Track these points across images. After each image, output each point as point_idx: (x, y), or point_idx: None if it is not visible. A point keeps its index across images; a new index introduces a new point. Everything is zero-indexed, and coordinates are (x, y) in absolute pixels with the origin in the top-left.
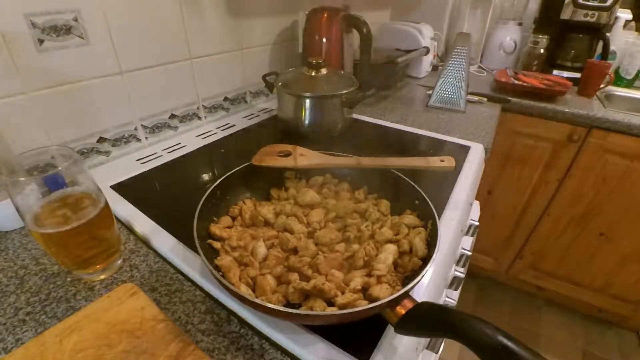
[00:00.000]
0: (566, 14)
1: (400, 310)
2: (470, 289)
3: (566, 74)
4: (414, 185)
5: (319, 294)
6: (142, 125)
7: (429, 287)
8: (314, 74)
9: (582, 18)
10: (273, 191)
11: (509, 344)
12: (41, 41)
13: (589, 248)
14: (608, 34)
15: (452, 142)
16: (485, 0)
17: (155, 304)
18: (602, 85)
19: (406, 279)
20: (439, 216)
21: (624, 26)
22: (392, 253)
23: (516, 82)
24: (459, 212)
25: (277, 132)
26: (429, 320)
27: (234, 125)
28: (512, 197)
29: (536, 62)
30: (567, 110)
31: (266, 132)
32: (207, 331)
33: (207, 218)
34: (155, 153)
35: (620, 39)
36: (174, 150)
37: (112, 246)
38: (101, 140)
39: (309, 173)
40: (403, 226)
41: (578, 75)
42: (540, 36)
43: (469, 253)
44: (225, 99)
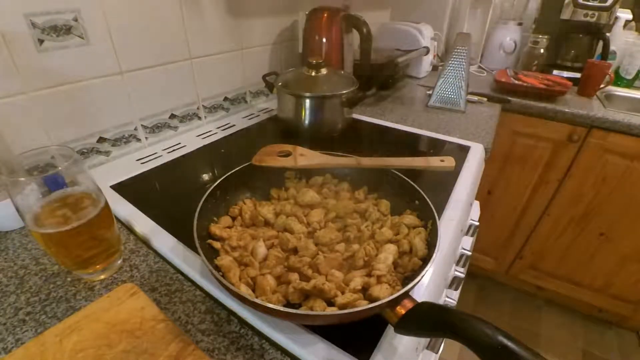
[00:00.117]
0: (566, 14)
1: (400, 310)
2: (470, 289)
3: (566, 74)
4: (414, 185)
5: (319, 294)
6: (142, 125)
7: (429, 287)
8: (314, 74)
9: (582, 18)
10: (273, 191)
11: (509, 344)
12: (41, 41)
13: (589, 248)
14: (608, 34)
15: (452, 142)
16: (485, 0)
17: (155, 304)
18: (602, 85)
19: (406, 279)
20: (439, 216)
21: (624, 26)
22: (392, 253)
23: (516, 82)
24: (459, 212)
25: (277, 132)
26: (429, 320)
27: (234, 125)
28: (512, 197)
29: (536, 62)
30: (567, 110)
31: (266, 132)
32: (207, 331)
33: (207, 218)
34: (155, 153)
35: (620, 39)
36: (174, 150)
37: (112, 246)
38: (101, 140)
39: (309, 173)
40: (403, 226)
41: (578, 75)
42: (540, 36)
43: (469, 253)
44: (225, 99)
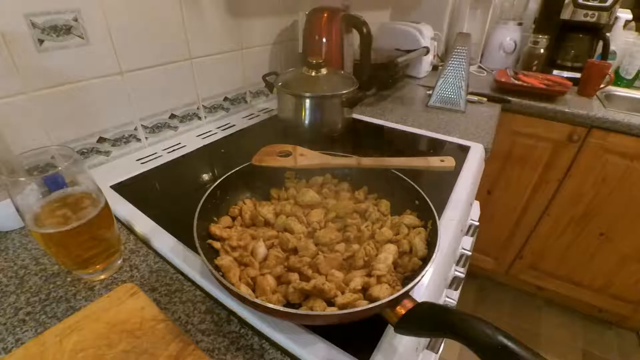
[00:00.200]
0: (566, 14)
1: (400, 310)
2: (470, 289)
3: (566, 74)
4: (414, 185)
5: (319, 294)
6: (142, 125)
7: (429, 287)
8: (314, 74)
9: (582, 18)
10: (273, 191)
11: (509, 344)
12: (41, 41)
13: (589, 248)
14: (608, 34)
15: (452, 142)
16: (485, 0)
17: (155, 304)
18: (602, 85)
19: (406, 279)
20: (439, 216)
21: (624, 26)
22: (392, 253)
23: (516, 82)
24: (459, 212)
25: (277, 132)
26: (429, 320)
27: (234, 125)
28: (512, 197)
29: (536, 62)
30: (567, 110)
31: (266, 132)
32: (207, 331)
33: (207, 218)
34: (155, 153)
35: (620, 39)
36: (174, 150)
37: (112, 246)
38: (101, 140)
39: (309, 173)
40: (403, 226)
41: (578, 75)
42: (540, 36)
43: (469, 253)
44: (225, 99)
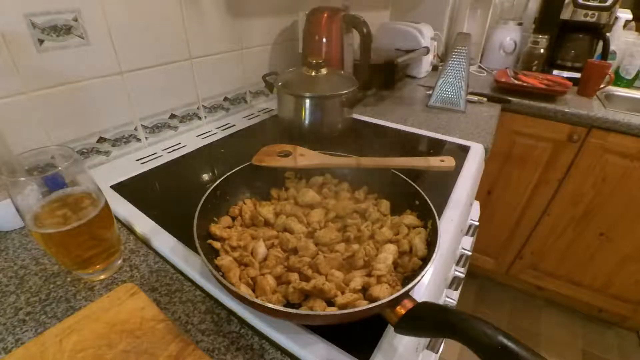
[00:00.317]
0: (566, 14)
1: (400, 310)
2: (470, 289)
3: (566, 74)
4: (414, 185)
5: (319, 294)
6: (142, 125)
7: (429, 287)
8: (314, 74)
9: (582, 18)
10: (273, 191)
11: (509, 344)
12: (41, 41)
13: (589, 248)
14: (608, 34)
15: (452, 142)
16: (485, 0)
17: (155, 304)
18: (602, 85)
19: (406, 279)
20: (439, 216)
21: (624, 26)
22: (392, 253)
23: (516, 82)
24: (459, 212)
25: (277, 132)
26: (429, 320)
27: (234, 125)
28: (512, 197)
29: (536, 62)
30: (567, 110)
31: (266, 132)
32: (207, 331)
33: (207, 218)
34: (155, 153)
35: (620, 39)
36: (174, 150)
37: (112, 246)
38: (101, 140)
39: (309, 173)
40: (403, 226)
41: (578, 75)
42: (540, 36)
43: (469, 253)
44: (225, 99)
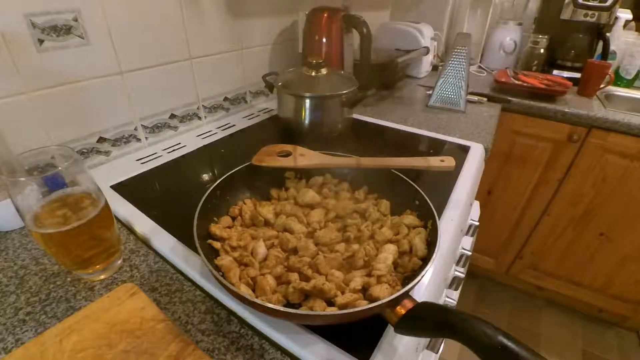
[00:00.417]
0: (566, 14)
1: (400, 310)
2: (470, 289)
3: (566, 74)
4: (414, 185)
5: (319, 294)
6: (142, 125)
7: (429, 287)
8: (314, 74)
9: (582, 18)
10: (273, 191)
11: (509, 344)
12: (41, 41)
13: (589, 248)
14: (608, 34)
15: (452, 142)
16: (485, 0)
17: (155, 304)
18: (602, 85)
19: (406, 279)
20: (439, 216)
21: (624, 26)
22: (392, 253)
23: (516, 82)
24: (459, 212)
25: (277, 132)
26: (429, 320)
27: (234, 125)
28: (512, 197)
29: (536, 62)
30: (567, 110)
31: (266, 132)
32: (207, 331)
33: (207, 218)
34: (155, 153)
35: (620, 39)
36: (174, 150)
37: (112, 246)
38: (101, 140)
39: (309, 173)
40: (403, 226)
41: (578, 75)
42: (540, 36)
43: (469, 253)
44: (225, 99)
